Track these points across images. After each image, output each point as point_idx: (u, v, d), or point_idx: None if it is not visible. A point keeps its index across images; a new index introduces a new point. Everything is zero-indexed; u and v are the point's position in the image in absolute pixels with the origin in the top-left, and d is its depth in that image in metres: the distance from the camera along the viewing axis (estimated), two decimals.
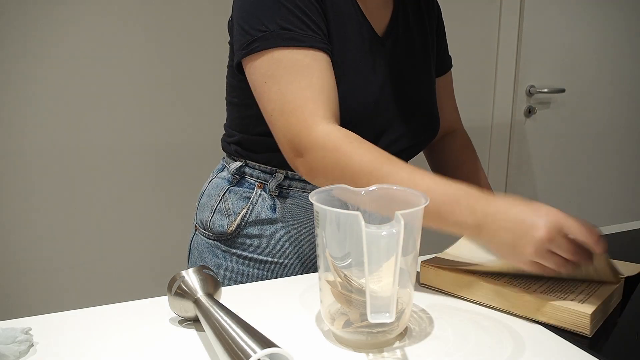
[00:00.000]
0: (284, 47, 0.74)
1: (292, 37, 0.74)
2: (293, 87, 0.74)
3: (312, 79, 0.75)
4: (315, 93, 0.74)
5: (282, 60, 0.75)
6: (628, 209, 2.42)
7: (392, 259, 0.54)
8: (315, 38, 0.76)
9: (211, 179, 0.98)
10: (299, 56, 0.75)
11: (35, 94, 1.52)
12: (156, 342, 0.63)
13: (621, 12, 2.22)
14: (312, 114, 0.74)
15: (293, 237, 0.90)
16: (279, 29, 0.75)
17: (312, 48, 0.75)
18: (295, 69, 0.74)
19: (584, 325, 0.63)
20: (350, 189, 0.68)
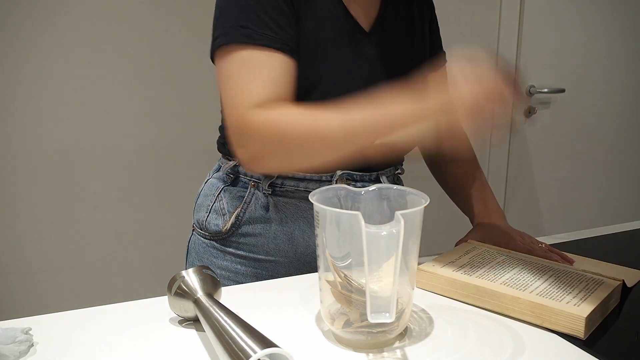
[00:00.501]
0: (239, 44, 0.77)
1: (248, 34, 0.76)
2: (241, 83, 0.76)
3: (262, 75, 0.76)
4: (260, 87, 0.76)
5: (236, 57, 0.77)
6: (628, 209, 2.42)
7: (392, 259, 0.54)
8: (272, 38, 0.77)
9: (207, 179, 0.99)
10: (252, 54, 0.76)
11: (32, 94, 1.52)
12: (156, 342, 0.63)
13: (621, 12, 2.22)
14: (252, 105, 0.75)
15: (287, 235, 0.90)
16: (238, 26, 0.77)
17: (267, 47, 0.77)
18: (246, 65, 0.77)
19: (578, 329, 0.63)
20: (350, 189, 0.68)
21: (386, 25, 0.91)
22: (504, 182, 2.19)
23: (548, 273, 0.75)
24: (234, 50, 0.77)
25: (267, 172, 0.83)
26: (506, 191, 2.20)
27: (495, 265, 0.77)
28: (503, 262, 0.78)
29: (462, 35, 1.98)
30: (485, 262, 0.78)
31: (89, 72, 1.55)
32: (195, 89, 1.66)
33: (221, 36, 0.79)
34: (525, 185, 2.24)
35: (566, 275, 0.74)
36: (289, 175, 0.88)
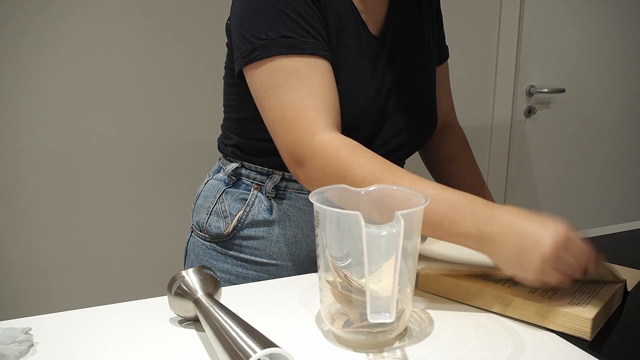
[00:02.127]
0: (285, 55, 0.73)
1: (293, 44, 0.73)
2: (294, 96, 0.73)
3: (314, 86, 0.74)
4: (316, 101, 0.73)
5: (282, 68, 0.74)
6: (628, 209, 2.42)
7: (392, 259, 0.54)
8: (317, 45, 0.75)
9: (207, 180, 0.97)
10: (300, 64, 0.74)
11: (32, 94, 1.52)
12: (156, 342, 0.63)
13: (621, 12, 2.22)
14: (313, 122, 0.73)
15: (290, 239, 0.90)
16: (280, 36, 0.74)
17: (314, 55, 0.74)
18: (296, 76, 0.73)
19: (584, 330, 0.63)
20: (350, 189, 0.68)
21: (395, 29, 0.89)
22: (504, 182, 2.19)
23: None
24: (278, 62, 0.74)
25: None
26: (506, 191, 2.20)
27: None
28: None
29: (462, 36, 1.98)
30: None
31: (89, 72, 1.55)
32: (195, 90, 1.66)
33: (260, 49, 0.74)
34: (525, 185, 2.24)
35: None
36: (293, 178, 0.88)
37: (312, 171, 0.73)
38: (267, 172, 0.89)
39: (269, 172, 0.89)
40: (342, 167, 0.71)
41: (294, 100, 0.73)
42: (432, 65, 0.99)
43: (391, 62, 0.88)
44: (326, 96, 0.75)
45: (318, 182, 0.73)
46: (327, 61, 0.76)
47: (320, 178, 0.73)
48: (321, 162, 0.72)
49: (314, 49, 0.75)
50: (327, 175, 0.72)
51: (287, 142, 0.74)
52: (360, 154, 0.72)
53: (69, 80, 1.54)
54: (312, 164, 0.73)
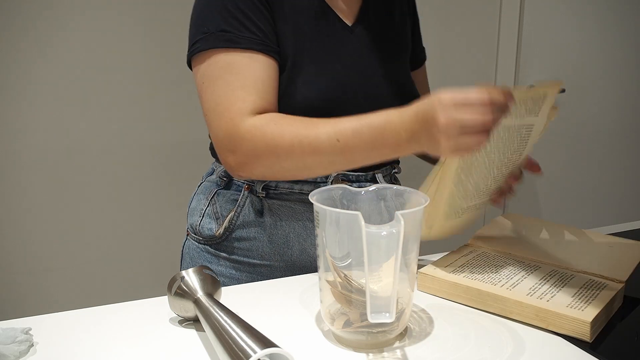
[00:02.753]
0: (221, 49, 0.76)
1: (228, 38, 0.76)
2: (226, 88, 0.76)
3: (247, 80, 0.76)
4: (246, 93, 0.76)
5: (218, 61, 0.77)
6: (628, 208, 2.42)
7: (392, 259, 0.54)
8: (253, 40, 0.77)
9: (201, 183, 0.98)
10: (235, 58, 0.77)
11: (32, 94, 1.52)
12: (156, 342, 0.63)
13: (621, 12, 2.21)
14: (239, 112, 0.76)
15: (282, 239, 0.89)
16: (218, 30, 0.77)
17: (249, 50, 0.77)
18: (230, 70, 0.76)
19: (584, 332, 0.63)
20: (350, 189, 0.68)
21: (370, 19, 0.90)
22: None
23: (551, 276, 0.75)
24: (215, 55, 0.77)
25: (254, 178, 0.82)
26: None
27: (496, 269, 0.77)
28: (504, 265, 0.78)
29: (462, 36, 1.98)
30: (486, 264, 0.78)
31: (89, 73, 1.55)
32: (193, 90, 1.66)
33: (200, 41, 0.78)
34: (525, 185, 2.24)
35: (569, 278, 0.74)
36: None
37: (243, 155, 0.76)
38: None
39: None
40: (270, 141, 0.74)
41: (226, 93, 0.76)
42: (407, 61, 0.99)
43: (365, 52, 0.88)
44: (259, 89, 0.77)
45: (250, 164, 0.76)
46: (264, 55, 0.78)
47: (251, 160, 0.76)
48: (250, 145, 0.75)
49: (250, 43, 0.77)
50: (258, 155, 0.75)
51: (218, 134, 0.78)
52: (283, 122, 0.75)
53: (70, 81, 1.54)
54: (242, 149, 0.76)
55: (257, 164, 0.76)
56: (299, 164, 0.75)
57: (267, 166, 0.76)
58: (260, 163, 0.76)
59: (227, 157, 0.78)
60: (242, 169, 0.78)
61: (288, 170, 0.77)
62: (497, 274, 0.75)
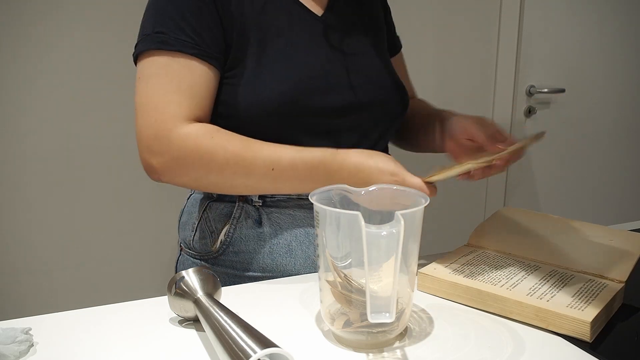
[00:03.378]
0: (155, 50, 0.76)
1: (162, 40, 0.76)
2: (160, 88, 0.76)
3: (181, 84, 0.76)
4: (181, 98, 0.75)
5: (155, 61, 0.77)
6: (628, 208, 2.42)
7: (392, 259, 0.54)
8: (187, 43, 0.76)
9: (190, 194, 0.94)
10: (169, 60, 0.76)
11: (33, 95, 1.52)
12: (156, 342, 0.63)
13: (621, 12, 2.21)
14: (173, 116, 0.75)
15: (284, 248, 0.85)
16: (154, 32, 0.77)
17: (181, 52, 0.76)
18: (167, 71, 0.76)
19: (584, 332, 0.63)
20: (350, 189, 0.68)
21: (340, 7, 0.90)
22: (504, 182, 2.19)
23: (551, 276, 0.75)
24: (151, 56, 0.77)
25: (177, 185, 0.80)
26: (506, 191, 2.20)
27: (496, 269, 0.77)
28: (504, 265, 0.78)
29: (462, 36, 1.98)
30: (486, 264, 0.78)
31: (90, 74, 1.55)
32: None
33: (140, 43, 0.78)
34: (525, 185, 2.24)
35: (569, 278, 0.74)
36: None
37: (170, 161, 0.75)
38: None
39: None
40: (204, 154, 0.74)
41: (160, 92, 0.76)
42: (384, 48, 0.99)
43: (336, 41, 0.87)
44: (194, 95, 0.77)
45: (175, 171, 0.76)
46: (198, 60, 0.77)
47: (178, 167, 0.76)
48: (180, 153, 0.75)
49: (183, 46, 0.76)
50: (187, 164, 0.75)
51: (145, 131, 0.76)
52: (219, 137, 0.75)
53: (70, 81, 1.54)
54: (170, 154, 0.75)
55: (183, 173, 0.76)
56: (227, 183, 0.76)
57: (193, 178, 0.76)
58: (187, 173, 0.76)
59: (150, 157, 0.77)
60: (165, 174, 0.77)
61: (214, 184, 0.77)
62: (497, 274, 0.75)
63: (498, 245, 0.85)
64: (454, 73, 2.00)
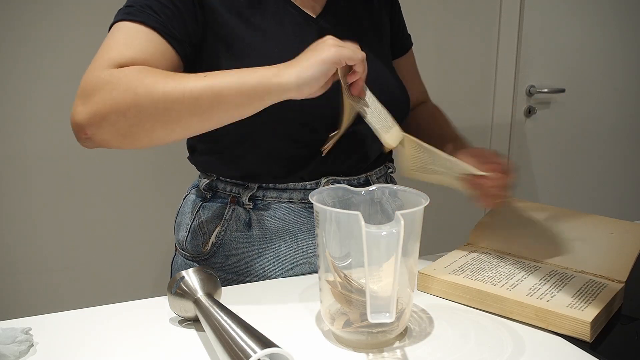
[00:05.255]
0: (121, 20, 0.77)
1: (129, 12, 0.76)
2: (108, 43, 0.75)
3: (133, 42, 0.74)
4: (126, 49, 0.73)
5: (115, 29, 0.77)
6: (628, 208, 2.42)
7: (392, 259, 0.54)
8: (152, 17, 0.76)
9: (186, 195, 0.94)
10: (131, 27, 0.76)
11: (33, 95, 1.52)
12: (156, 342, 0.63)
13: (621, 12, 2.21)
14: (110, 60, 0.71)
15: (272, 253, 0.84)
16: (125, 6, 0.78)
17: (143, 24, 0.75)
18: (123, 31, 0.75)
19: (584, 332, 0.63)
20: (350, 189, 0.68)
21: (338, 9, 0.88)
22: None
23: (551, 276, 0.75)
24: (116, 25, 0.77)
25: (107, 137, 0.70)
26: None
27: (496, 269, 0.77)
28: (504, 265, 0.78)
29: (462, 36, 1.98)
30: (486, 264, 0.78)
31: None
32: None
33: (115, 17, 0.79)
34: (525, 185, 2.24)
35: (569, 278, 0.74)
36: (270, 186, 0.84)
37: (96, 102, 0.68)
38: (242, 183, 0.85)
39: (245, 183, 0.85)
40: (131, 81, 0.68)
41: (108, 46, 0.74)
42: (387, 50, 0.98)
43: None
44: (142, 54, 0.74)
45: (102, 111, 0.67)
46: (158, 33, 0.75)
47: (104, 106, 0.67)
48: (107, 87, 0.68)
49: (147, 19, 0.75)
50: (114, 97, 0.67)
51: (80, 85, 0.71)
52: (151, 69, 0.70)
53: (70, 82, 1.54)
54: (97, 95, 0.68)
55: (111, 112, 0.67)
56: (160, 106, 0.67)
57: (122, 113, 0.67)
58: (114, 109, 0.67)
59: (76, 112, 0.70)
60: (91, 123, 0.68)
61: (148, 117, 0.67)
62: (497, 274, 0.75)
63: (498, 245, 0.85)
64: (454, 73, 2.00)
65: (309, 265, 0.85)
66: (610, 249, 0.80)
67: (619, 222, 0.84)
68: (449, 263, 0.78)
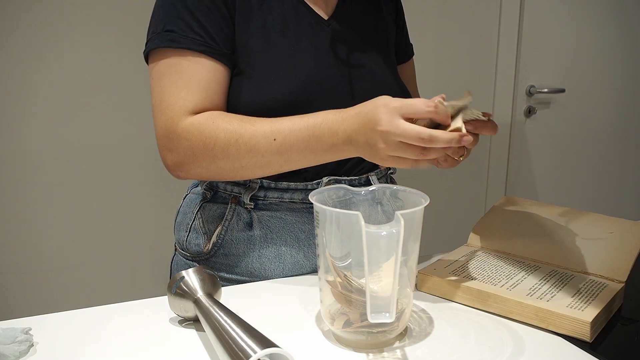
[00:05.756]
0: (165, 48, 0.77)
1: (172, 38, 0.77)
2: (170, 86, 0.77)
3: (190, 79, 0.77)
4: (188, 92, 0.76)
5: (165, 59, 0.78)
6: (628, 209, 2.42)
7: (392, 259, 0.54)
8: (196, 40, 0.77)
9: (186, 195, 0.94)
10: (178, 57, 0.77)
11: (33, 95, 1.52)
12: (156, 342, 0.63)
13: (621, 12, 2.22)
14: (180, 110, 0.76)
15: (273, 253, 0.84)
16: (163, 30, 0.77)
17: (190, 50, 0.77)
18: (176, 68, 0.77)
19: (584, 332, 0.63)
20: (350, 189, 0.68)
21: (347, 12, 0.89)
22: (504, 182, 2.19)
23: (551, 276, 0.75)
24: (162, 54, 0.78)
25: (196, 178, 0.80)
26: (506, 191, 2.20)
27: (496, 268, 0.77)
28: (504, 265, 0.78)
29: (462, 36, 1.98)
30: (486, 264, 0.78)
31: (90, 74, 1.55)
32: None
33: (149, 42, 0.79)
34: (525, 185, 2.24)
35: (569, 278, 0.74)
36: (272, 185, 0.84)
37: (181, 154, 0.76)
38: (244, 183, 0.85)
39: (246, 182, 0.85)
40: (207, 139, 0.74)
41: (169, 90, 0.77)
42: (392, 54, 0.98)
43: (340, 47, 0.86)
44: (202, 89, 0.77)
45: (187, 164, 0.76)
46: (207, 57, 0.78)
47: (189, 159, 0.76)
48: (186, 144, 0.75)
49: (192, 44, 0.77)
50: (195, 154, 0.75)
51: (160, 132, 0.78)
52: (221, 120, 0.75)
53: (70, 82, 1.54)
54: (179, 148, 0.76)
55: (194, 164, 0.76)
56: (235, 164, 0.75)
57: (204, 166, 0.76)
58: (197, 163, 0.76)
59: (166, 156, 0.78)
60: (179, 169, 0.78)
61: (225, 170, 0.76)
62: (497, 274, 0.75)
63: (498, 245, 0.85)
64: (454, 73, 2.00)
65: (309, 265, 0.85)
66: (610, 248, 0.80)
67: (619, 221, 0.84)
68: (449, 263, 0.78)
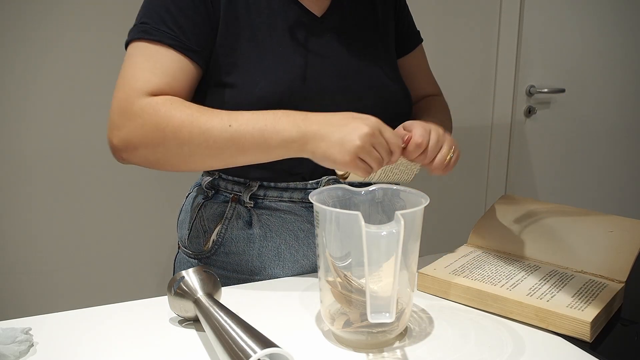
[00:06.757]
0: (137, 40, 0.78)
1: (144, 29, 0.77)
2: (135, 68, 0.77)
3: (156, 64, 0.76)
4: (152, 75, 0.76)
5: (137, 47, 0.78)
6: (628, 209, 2.42)
7: (392, 259, 0.54)
8: (167, 34, 0.77)
9: (188, 194, 0.95)
10: (150, 48, 0.77)
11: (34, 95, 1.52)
12: (156, 342, 0.64)
13: (621, 12, 2.22)
14: (141, 89, 0.75)
15: (272, 251, 0.84)
16: (139, 22, 0.79)
17: (160, 43, 0.77)
18: (144, 55, 0.77)
19: (584, 332, 0.63)
20: (350, 189, 0.68)
21: (342, 9, 0.88)
22: (504, 182, 2.19)
23: (551, 276, 0.75)
24: (134, 44, 0.78)
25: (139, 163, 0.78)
26: (506, 191, 2.20)
27: (496, 268, 0.77)
28: (504, 265, 0.78)
29: (462, 36, 1.98)
30: (486, 264, 0.78)
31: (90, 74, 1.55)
32: None
33: (129, 33, 0.80)
34: (525, 185, 2.24)
35: (569, 278, 0.74)
36: (271, 185, 0.84)
37: (129, 133, 0.74)
38: (244, 182, 0.85)
39: (246, 181, 0.85)
40: (161, 119, 0.73)
41: (134, 72, 0.76)
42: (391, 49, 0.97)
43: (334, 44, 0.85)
44: (167, 75, 0.77)
45: (133, 144, 0.74)
46: (176, 51, 0.78)
47: (136, 139, 0.74)
48: (139, 121, 0.74)
49: (163, 37, 0.77)
50: (145, 133, 0.73)
51: (114, 107, 0.77)
52: (180, 103, 0.75)
53: (70, 82, 1.54)
54: (130, 126, 0.74)
55: (140, 145, 0.74)
56: (184, 149, 0.73)
57: (150, 149, 0.74)
58: (144, 144, 0.74)
59: (113, 135, 0.76)
60: (124, 149, 0.76)
61: (172, 155, 0.74)
62: (497, 274, 0.75)
63: (498, 245, 0.85)
64: (454, 73, 2.00)
65: (309, 265, 0.85)
66: (610, 248, 0.80)
67: (618, 219, 0.84)
68: (449, 263, 0.78)
